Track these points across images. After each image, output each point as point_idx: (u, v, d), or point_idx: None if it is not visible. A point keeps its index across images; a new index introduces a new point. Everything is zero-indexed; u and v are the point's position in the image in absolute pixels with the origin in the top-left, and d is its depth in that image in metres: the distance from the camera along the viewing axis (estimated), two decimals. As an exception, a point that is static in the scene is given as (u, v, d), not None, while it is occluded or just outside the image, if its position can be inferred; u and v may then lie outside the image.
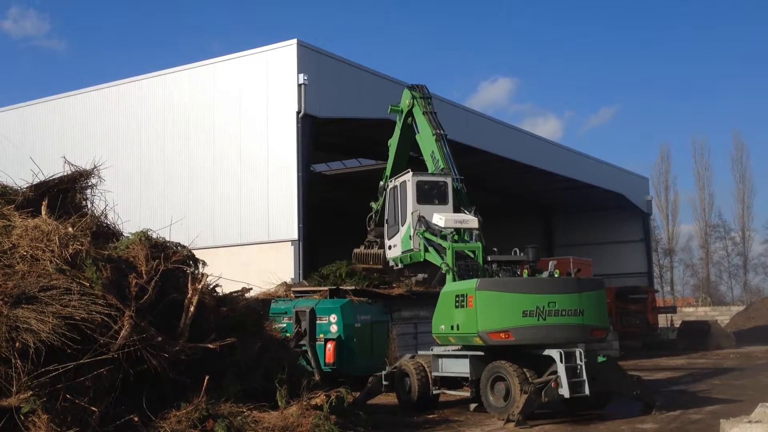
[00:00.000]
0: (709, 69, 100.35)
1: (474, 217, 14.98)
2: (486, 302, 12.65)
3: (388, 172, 18.31)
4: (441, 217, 14.83)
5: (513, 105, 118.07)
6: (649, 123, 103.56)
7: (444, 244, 14.36)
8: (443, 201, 15.60)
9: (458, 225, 14.70)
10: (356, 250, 19.33)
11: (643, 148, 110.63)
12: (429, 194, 15.67)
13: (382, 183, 18.15)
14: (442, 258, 14.34)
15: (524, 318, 12.53)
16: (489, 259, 13.98)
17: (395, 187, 16.51)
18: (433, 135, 16.56)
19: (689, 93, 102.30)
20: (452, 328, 13.34)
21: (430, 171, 16.38)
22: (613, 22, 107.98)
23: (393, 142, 18.53)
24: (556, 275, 13.59)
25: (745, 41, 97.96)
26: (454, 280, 13.75)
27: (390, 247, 16.91)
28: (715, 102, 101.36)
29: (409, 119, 17.83)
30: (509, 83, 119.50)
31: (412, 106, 17.55)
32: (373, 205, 19.00)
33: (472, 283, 12.96)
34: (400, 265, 16.74)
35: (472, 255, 14.20)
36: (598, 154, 69.68)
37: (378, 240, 18.48)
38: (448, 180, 15.76)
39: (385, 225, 17.22)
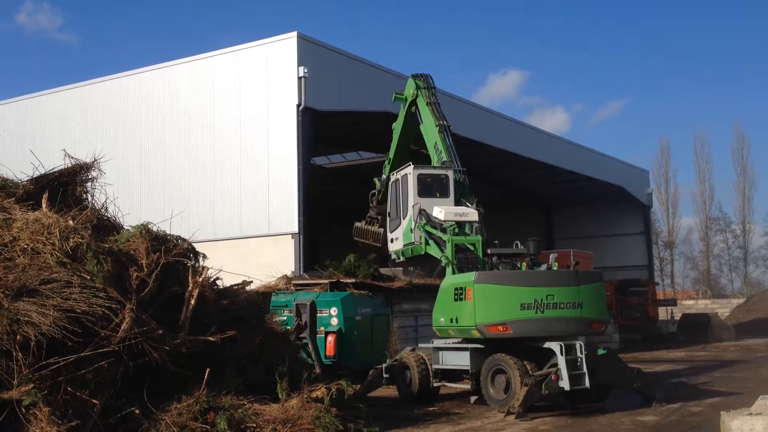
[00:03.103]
0: (711, 61, 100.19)
1: (474, 210, 14.99)
2: (484, 295, 12.65)
3: (391, 155, 18.46)
4: (441, 210, 14.83)
5: (522, 98, 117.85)
6: (653, 116, 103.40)
7: (444, 237, 14.35)
8: (444, 194, 15.60)
9: (458, 218, 14.70)
10: (357, 224, 19.50)
11: (648, 141, 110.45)
12: (430, 187, 15.68)
13: (385, 163, 18.21)
14: (442, 251, 14.34)
15: (522, 311, 12.53)
16: (489, 252, 13.98)
17: (397, 180, 16.53)
18: (437, 126, 16.58)
19: (691, 85, 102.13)
20: (451, 321, 13.35)
21: (433, 162, 16.43)
22: (622, 15, 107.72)
23: (396, 126, 18.58)
24: (555, 268, 13.60)
25: (747, 34, 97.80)
26: (454, 273, 13.75)
27: (392, 240, 16.93)
28: (716, 94, 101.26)
29: (413, 108, 17.84)
30: (519, 76, 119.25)
31: (416, 97, 17.55)
32: (377, 181, 19.02)
33: (470, 276, 12.95)
34: (402, 258, 16.76)
35: (472, 248, 14.18)
36: (603, 148, 69.75)
37: (379, 217, 18.50)
38: (450, 173, 15.76)
39: (387, 218, 17.23)
